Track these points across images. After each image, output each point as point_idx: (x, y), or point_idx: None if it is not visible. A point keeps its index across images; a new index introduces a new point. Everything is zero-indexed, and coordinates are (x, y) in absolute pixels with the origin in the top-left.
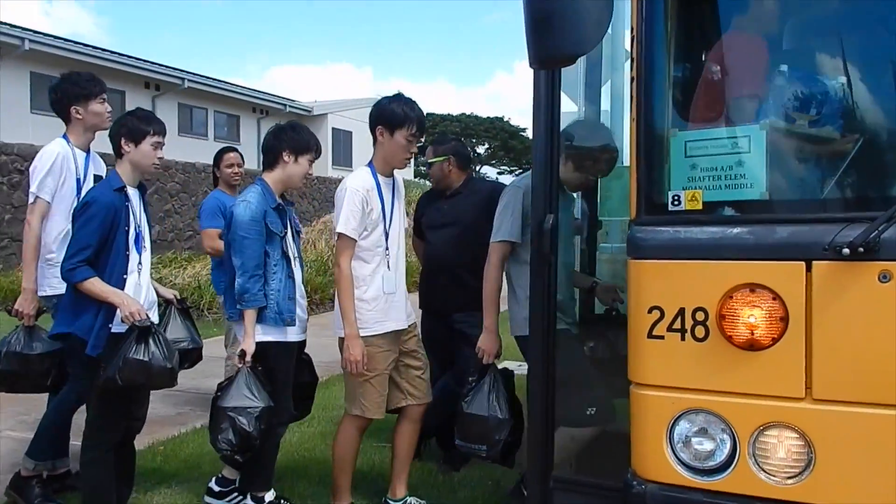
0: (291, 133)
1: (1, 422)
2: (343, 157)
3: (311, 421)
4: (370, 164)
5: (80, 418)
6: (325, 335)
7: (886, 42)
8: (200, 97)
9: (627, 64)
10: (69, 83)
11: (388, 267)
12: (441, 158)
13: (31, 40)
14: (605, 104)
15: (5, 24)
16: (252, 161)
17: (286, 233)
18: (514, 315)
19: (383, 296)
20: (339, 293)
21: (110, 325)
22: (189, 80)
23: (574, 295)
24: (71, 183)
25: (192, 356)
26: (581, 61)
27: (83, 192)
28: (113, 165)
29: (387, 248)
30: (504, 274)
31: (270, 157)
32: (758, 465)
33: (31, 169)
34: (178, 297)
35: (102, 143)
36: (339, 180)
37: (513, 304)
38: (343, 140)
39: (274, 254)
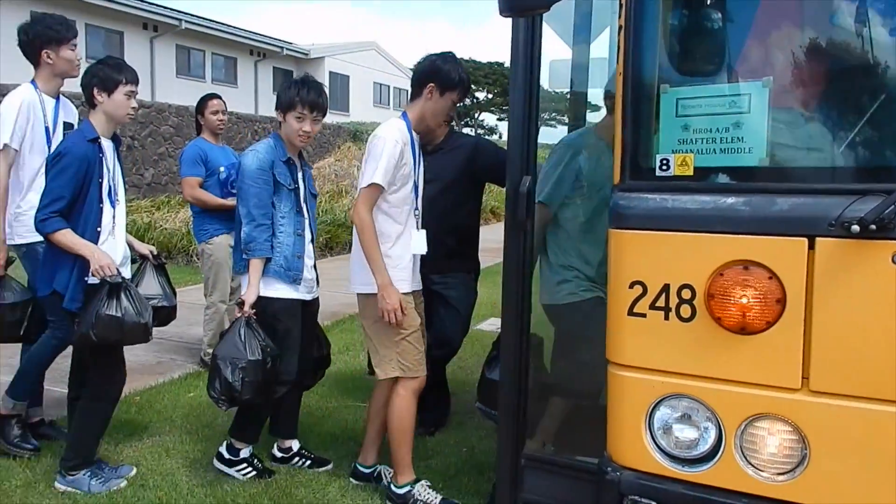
0: (281, 91)
1: None
2: (340, 101)
3: None
4: (404, 116)
5: (60, 365)
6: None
7: None
8: (198, 39)
9: None
10: (42, 25)
11: (417, 227)
12: None
13: None
14: (604, 52)
15: None
16: (249, 105)
17: (296, 187)
18: (543, 282)
19: (410, 255)
20: (364, 243)
21: (87, 279)
22: (186, 21)
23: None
24: (39, 130)
25: (162, 314)
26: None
27: (53, 140)
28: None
29: (416, 207)
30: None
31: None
32: (745, 458)
33: None
34: (154, 253)
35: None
36: (335, 126)
37: (544, 268)
38: (340, 84)
39: (281, 206)
